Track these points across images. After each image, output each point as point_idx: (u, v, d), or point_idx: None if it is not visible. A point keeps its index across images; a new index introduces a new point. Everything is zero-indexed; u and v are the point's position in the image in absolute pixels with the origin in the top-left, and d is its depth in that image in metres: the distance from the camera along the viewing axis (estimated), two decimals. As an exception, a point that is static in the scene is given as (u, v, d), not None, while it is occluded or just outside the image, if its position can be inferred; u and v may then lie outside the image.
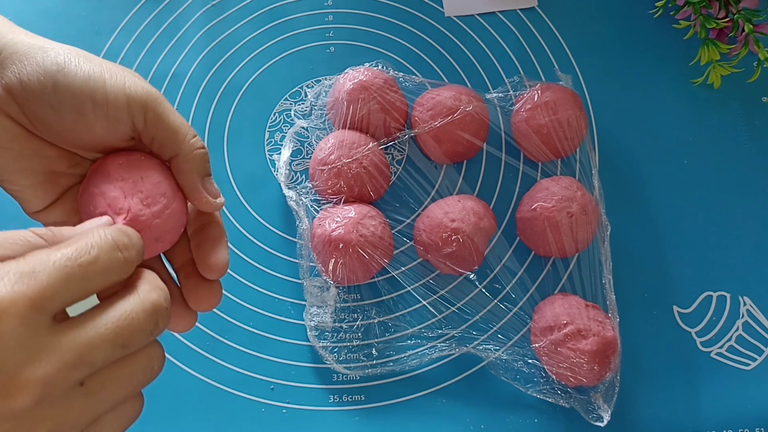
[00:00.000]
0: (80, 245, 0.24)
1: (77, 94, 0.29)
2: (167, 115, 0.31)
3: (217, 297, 0.32)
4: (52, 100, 0.29)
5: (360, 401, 0.49)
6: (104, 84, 0.29)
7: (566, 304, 0.47)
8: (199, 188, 0.31)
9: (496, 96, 0.55)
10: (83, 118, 0.29)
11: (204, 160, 0.32)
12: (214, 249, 0.31)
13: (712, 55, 0.56)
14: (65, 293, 0.23)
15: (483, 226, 0.49)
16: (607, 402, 0.46)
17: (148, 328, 0.26)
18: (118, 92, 0.29)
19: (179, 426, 0.48)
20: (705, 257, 0.53)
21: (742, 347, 0.50)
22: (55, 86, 0.29)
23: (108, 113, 0.29)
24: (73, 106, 0.29)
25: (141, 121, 0.30)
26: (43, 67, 0.29)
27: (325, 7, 0.61)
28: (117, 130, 0.30)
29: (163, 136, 0.30)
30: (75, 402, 0.23)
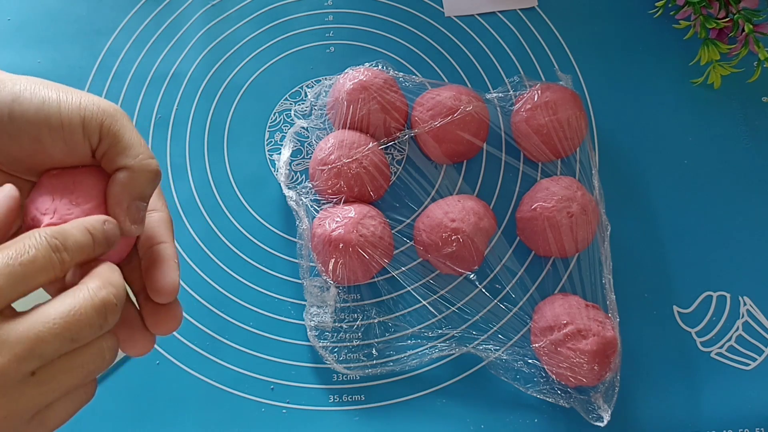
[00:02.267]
0: (18, 246, 0.26)
1: (32, 121, 0.29)
2: (123, 131, 0.30)
3: (177, 320, 0.31)
4: (8, 129, 0.29)
5: (360, 401, 0.49)
6: (59, 108, 0.29)
7: (566, 304, 0.47)
8: (121, 204, 0.30)
9: (496, 96, 0.55)
10: (41, 145, 0.29)
11: (145, 180, 0.31)
12: (162, 271, 0.31)
13: (712, 55, 0.56)
14: (9, 291, 0.25)
15: (483, 226, 0.49)
16: (607, 402, 0.46)
17: (96, 323, 0.26)
18: (73, 115, 0.29)
19: (179, 426, 0.48)
20: (705, 257, 0.53)
21: (742, 347, 0.50)
22: (10, 115, 0.29)
23: (64, 137, 0.29)
24: (30, 134, 0.29)
25: (96, 140, 0.30)
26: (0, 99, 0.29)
27: (325, 7, 0.61)
28: (75, 152, 0.30)
29: (113, 151, 0.30)
30: (26, 391, 0.25)
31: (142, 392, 0.49)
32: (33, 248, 0.26)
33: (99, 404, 0.49)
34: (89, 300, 0.26)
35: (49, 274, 0.26)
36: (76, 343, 0.26)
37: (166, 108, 0.58)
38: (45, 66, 0.58)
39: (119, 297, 0.27)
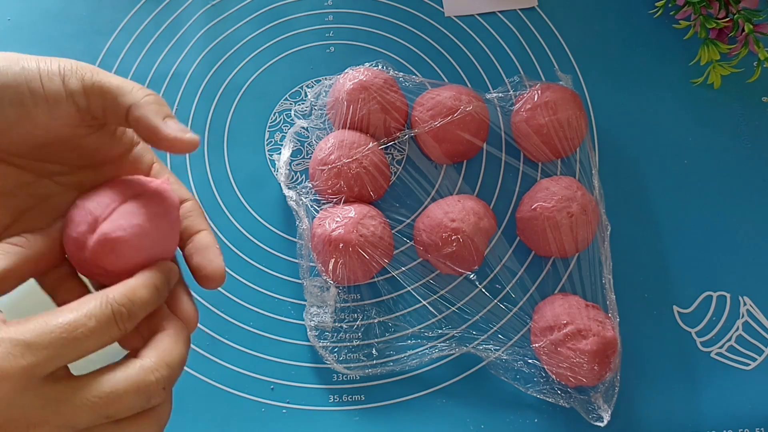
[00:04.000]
0: (79, 315, 0.25)
1: (13, 86, 0.29)
2: (106, 78, 0.30)
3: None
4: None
5: (360, 401, 0.49)
6: (38, 70, 0.29)
7: (566, 304, 0.47)
8: (161, 127, 0.29)
9: (496, 96, 0.55)
10: (24, 109, 0.29)
11: (157, 102, 0.30)
12: (207, 259, 0.31)
13: (712, 55, 0.56)
14: (58, 360, 0.25)
15: (483, 226, 0.49)
16: (607, 402, 0.46)
17: (137, 404, 0.26)
18: (53, 74, 0.29)
19: (179, 426, 0.48)
20: (705, 257, 0.53)
21: (742, 347, 0.50)
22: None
23: (47, 97, 0.29)
24: (12, 100, 0.29)
25: (81, 95, 0.30)
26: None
27: (325, 7, 0.61)
28: (60, 113, 0.30)
29: (107, 99, 0.30)
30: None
31: None
32: (93, 319, 0.25)
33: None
34: (134, 382, 0.26)
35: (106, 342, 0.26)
36: (110, 419, 0.26)
37: (166, 108, 0.58)
38: (45, 66, 0.58)
39: (171, 380, 0.27)
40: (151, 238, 0.29)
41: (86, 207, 0.29)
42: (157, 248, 0.30)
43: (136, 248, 0.29)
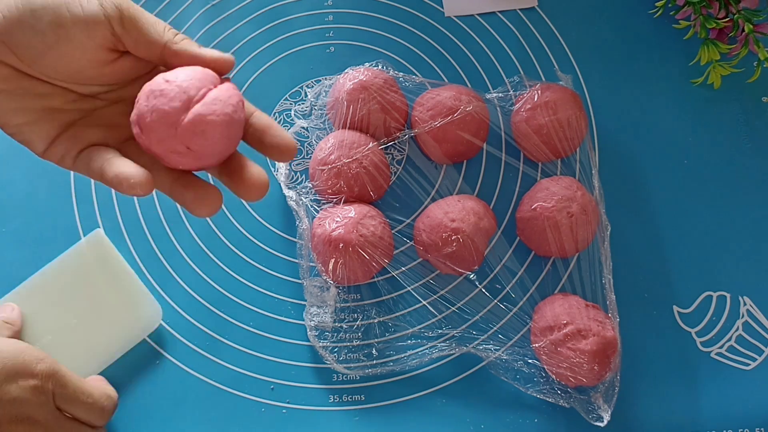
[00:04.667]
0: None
1: (52, 7, 0.31)
2: (140, 13, 0.32)
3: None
4: (31, 21, 0.31)
5: (360, 401, 0.49)
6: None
7: (566, 304, 0.47)
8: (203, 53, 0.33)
9: (496, 96, 0.55)
10: (63, 30, 0.31)
11: (183, 36, 0.33)
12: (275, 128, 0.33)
13: (712, 55, 0.56)
14: None
15: (483, 226, 0.49)
16: (607, 402, 0.46)
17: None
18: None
19: (179, 426, 0.48)
20: (705, 257, 0.53)
21: (742, 347, 0.50)
22: (31, 8, 0.30)
23: (86, 18, 0.31)
24: (52, 21, 0.31)
25: (117, 22, 0.32)
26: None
27: (325, 7, 0.61)
28: (96, 35, 0.31)
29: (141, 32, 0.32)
30: None
31: (142, 392, 0.49)
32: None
33: (99, 404, 0.49)
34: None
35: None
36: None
37: (166, 108, 0.58)
38: (45, 66, 0.58)
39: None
40: (233, 128, 0.31)
41: (180, 85, 0.30)
42: (234, 139, 0.32)
43: (222, 135, 0.31)
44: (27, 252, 0.53)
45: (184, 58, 0.33)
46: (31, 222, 0.54)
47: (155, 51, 0.33)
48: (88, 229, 0.53)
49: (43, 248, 0.53)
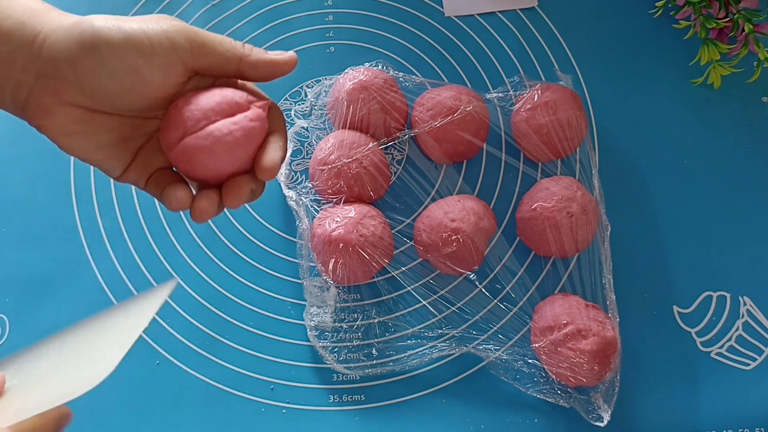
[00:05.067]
0: None
1: (125, 56, 0.31)
2: (209, 40, 0.33)
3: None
4: (105, 70, 0.31)
5: (360, 401, 0.49)
6: (146, 36, 0.31)
7: (566, 304, 0.47)
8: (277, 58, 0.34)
9: (496, 96, 0.55)
10: (139, 75, 0.31)
11: (250, 45, 0.34)
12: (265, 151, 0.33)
13: (712, 55, 0.56)
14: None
15: (483, 226, 0.49)
16: (607, 402, 0.46)
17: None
18: (162, 39, 0.31)
19: (179, 426, 0.48)
20: (705, 257, 0.53)
21: (742, 347, 0.50)
22: (100, 57, 0.31)
23: (160, 62, 0.31)
24: (126, 68, 0.31)
25: (189, 55, 0.32)
26: (82, 43, 0.30)
27: (325, 7, 0.61)
28: (171, 74, 0.32)
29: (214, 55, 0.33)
30: None
31: (142, 392, 0.49)
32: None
33: (99, 404, 0.49)
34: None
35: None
36: None
37: (166, 108, 0.58)
38: (45, 66, 0.58)
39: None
40: (226, 159, 0.33)
41: (182, 116, 0.32)
42: (232, 168, 0.33)
43: (210, 167, 0.33)
44: (27, 252, 0.53)
45: (261, 69, 0.34)
46: (31, 222, 0.54)
47: (230, 69, 0.34)
48: (88, 228, 0.54)
49: (43, 248, 0.53)
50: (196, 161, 0.32)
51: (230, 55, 0.33)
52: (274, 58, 0.34)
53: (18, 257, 0.53)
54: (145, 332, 0.51)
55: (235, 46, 0.34)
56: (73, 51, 0.30)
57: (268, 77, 0.35)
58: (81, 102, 0.32)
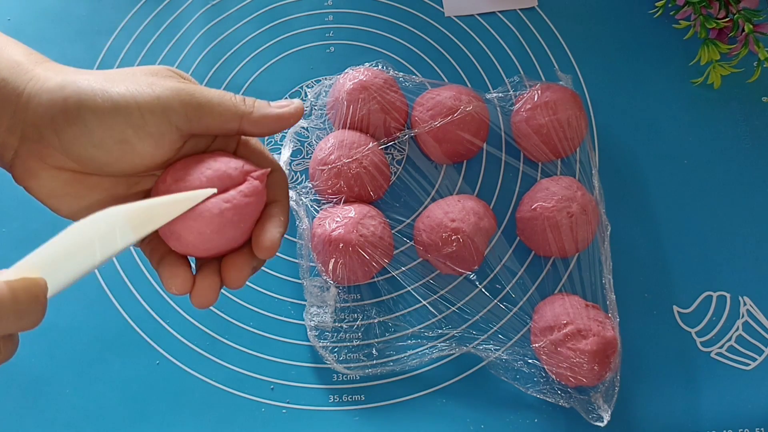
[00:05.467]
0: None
1: (112, 125, 0.28)
2: (206, 101, 0.30)
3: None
4: (92, 140, 0.29)
5: (360, 401, 0.49)
6: (136, 103, 0.29)
7: (566, 304, 0.47)
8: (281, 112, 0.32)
9: (496, 96, 0.55)
10: (128, 145, 0.29)
11: (252, 99, 0.32)
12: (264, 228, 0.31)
13: (712, 55, 0.56)
14: None
15: (483, 226, 0.49)
16: (607, 402, 0.46)
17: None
18: (154, 106, 0.29)
19: (179, 426, 0.48)
20: (705, 257, 0.53)
21: (742, 347, 0.50)
22: (86, 127, 0.28)
23: (151, 131, 0.29)
24: (114, 138, 0.29)
25: (184, 121, 0.30)
26: (66, 111, 0.28)
27: (325, 7, 0.61)
28: (164, 142, 0.30)
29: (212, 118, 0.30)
30: None
31: (142, 392, 0.49)
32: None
33: (99, 404, 0.49)
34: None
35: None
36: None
37: (166, 108, 0.58)
38: (45, 66, 0.58)
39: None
40: (218, 240, 0.31)
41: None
42: (225, 247, 0.31)
43: (201, 248, 0.31)
44: (27, 252, 0.53)
45: (264, 126, 0.32)
46: (31, 222, 0.54)
47: (231, 128, 0.31)
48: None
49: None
50: (185, 242, 0.30)
51: (231, 114, 0.31)
52: (278, 112, 0.32)
53: (18, 257, 0.53)
54: (144, 331, 0.51)
55: (236, 104, 0.31)
56: (57, 118, 0.28)
57: (273, 132, 0.32)
58: (69, 166, 0.30)
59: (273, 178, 0.33)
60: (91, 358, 0.50)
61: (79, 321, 0.51)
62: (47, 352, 0.50)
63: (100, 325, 0.51)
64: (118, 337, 0.51)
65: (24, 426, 0.48)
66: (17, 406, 0.49)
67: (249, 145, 0.34)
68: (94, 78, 0.29)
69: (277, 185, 0.33)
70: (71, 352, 0.50)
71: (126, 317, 0.51)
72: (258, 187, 0.31)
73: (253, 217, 0.31)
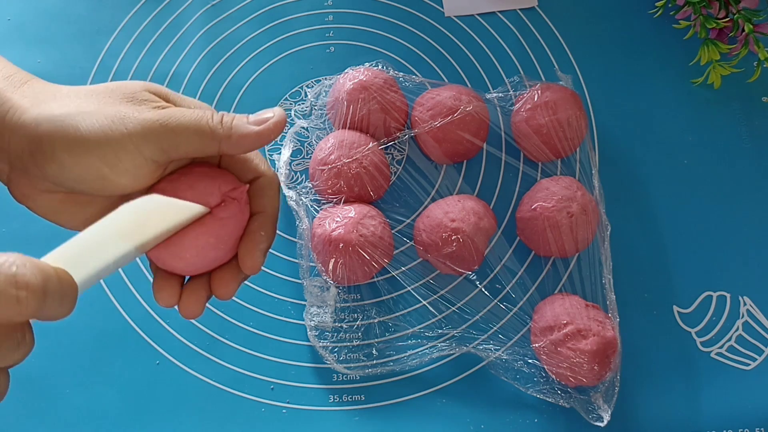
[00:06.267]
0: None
1: (87, 165, 0.29)
2: (181, 130, 0.30)
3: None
4: (71, 176, 0.29)
5: (360, 401, 0.49)
6: (107, 142, 0.29)
7: (566, 304, 0.47)
8: (261, 130, 0.31)
9: (496, 96, 0.55)
10: (107, 181, 0.29)
11: (229, 115, 0.31)
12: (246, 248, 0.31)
13: (712, 55, 0.56)
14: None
15: (483, 226, 0.49)
16: (607, 402, 0.46)
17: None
18: (126, 144, 0.29)
19: (179, 426, 0.48)
20: (705, 257, 0.53)
21: (742, 347, 0.50)
22: (62, 166, 0.29)
23: (126, 168, 0.29)
24: (91, 175, 0.29)
25: (159, 153, 0.30)
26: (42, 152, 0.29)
27: (325, 7, 0.61)
28: (142, 173, 0.30)
29: (190, 146, 0.30)
30: None
31: (142, 392, 0.49)
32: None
33: (99, 404, 0.49)
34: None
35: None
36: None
37: (166, 108, 0.58)
38: (45, 66, 0.58)
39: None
40: (200, 263, 0.31)
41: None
42: (210, 266, 0.32)
43: (185, 269, 0.31)
44: (27, 252, 0.53)
45: (244, 145, 0.31)
46: (31, 222, 0.54)
47: (210, 151, 0.31)
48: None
49: (43, 248, 0.53)
50: (169, 265, 0.31)
51: (207, 140, 0.30)
52: (257, 130, 0.31)
53: (18, 257, 0.53)
54: (144, 331, 0.51)
55: (213, 129, 0.30)
56: (36, 155, 0.29)
57: (254, 149, 0.31)
58: (58, 190, 0.30)
59: (258, 184, 0.33)
60: (91, 358, 0.50)
61: (79, 321, 0.51)
62: (47, 352, 0.50)
63: (100, 325, 0.51)
64: (118, 337, 0.51)
65: (24, 426, 0.48)
66: (17, 406, 0.49)
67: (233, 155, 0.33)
68: (66, 112, 0.29)
69: (262, 192, 0.33)
70: (71, 352, 0.50)
71: (126, 317, 0.51)
72: (235, 206, 0.31)
73: (235, 236, 0.31)
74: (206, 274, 0.32)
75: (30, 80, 0.31)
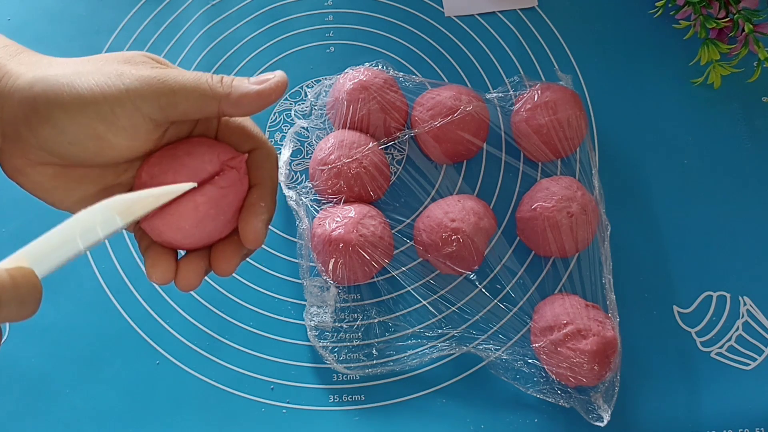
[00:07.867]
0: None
1: (83, 123, 0.28)
2: (179, 87, 0.29)
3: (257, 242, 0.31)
4: (66, 137, 0.28)
5: (360, 401, 0.49)
6: (104, 98, 0.28)
7: (566, 304, 0.47)
8: (262, 89, 0.30)
9: (496, 96, 0.55)
10: (103, 141, 0.29)
11: (230, 77, 0.30)
12: (245, 221, 0.31)
13: (712, 55, 0.56)
14: None
15: (483, 226, 0.49)
16: (607, 402, 0.46)
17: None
18: (123, 100, 0.28)
19: (179, 426, 0.48)
20: (705, 257, 0.53)
21: (742, 347, 0.50)
22: (57, 126, 0.28)
23: (123, 125, 0.29)
24: (87, 135, 0.28)
25: (158, 111, 0.29)
26: (37, 112, 0.28)
27: (325, 7, 0.61)
28: (140, 134, 0.29)
29: (189, 104, 0.29)
30: None
31: (142, 392, 0.49)
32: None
33: (99, 404, 0.49)
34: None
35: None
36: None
37: (166, 108, 0.58)
38: (45, 66, 0.58)
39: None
40: (199, 234, 0.30)
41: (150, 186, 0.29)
42: (209, 239, 0.31)
43: (183, 242, 0.31)
44: (27, 252, 0.53)
45: (245, 105, 0.30)
46: (31, 222, 0.54)
47: (210, 112, 0.30)
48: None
49: (43, 248, 0.53)
50: (166, 237, 0.30)
51: (207, 98, 0.29)
52: (257, 89, 0.30)
53: (18, 257, 0.53)
54: (144, 331, 0.51)
55: (213, 87, 0.29)
56: (30, 118, 0.28)
57: (256, 111, 0.31)
58: (51, 161, 0.30)
59: (256, 156, 0.32)
60: (91, 358, 0.50)
61: (79, 321, 0.51)
62: (47, 352, 0.50)
63: (100, 325, 0.51)
64: (118, 337, 0.51)
65: (24, 426, 0.48)
66: (17, 406, 0.49)
67: (229, 125, 0.33)
68: (62, 72, 0.29)
69: (260, 164, 0.32)
70: (71, 352, 0.50)
71: (126, 317, 0.51)
72: (234, 176, 0.30)
73: (234, 207, 0.31)
74: (204, 249, 0.32)
75: (26, 51, 0.31)
